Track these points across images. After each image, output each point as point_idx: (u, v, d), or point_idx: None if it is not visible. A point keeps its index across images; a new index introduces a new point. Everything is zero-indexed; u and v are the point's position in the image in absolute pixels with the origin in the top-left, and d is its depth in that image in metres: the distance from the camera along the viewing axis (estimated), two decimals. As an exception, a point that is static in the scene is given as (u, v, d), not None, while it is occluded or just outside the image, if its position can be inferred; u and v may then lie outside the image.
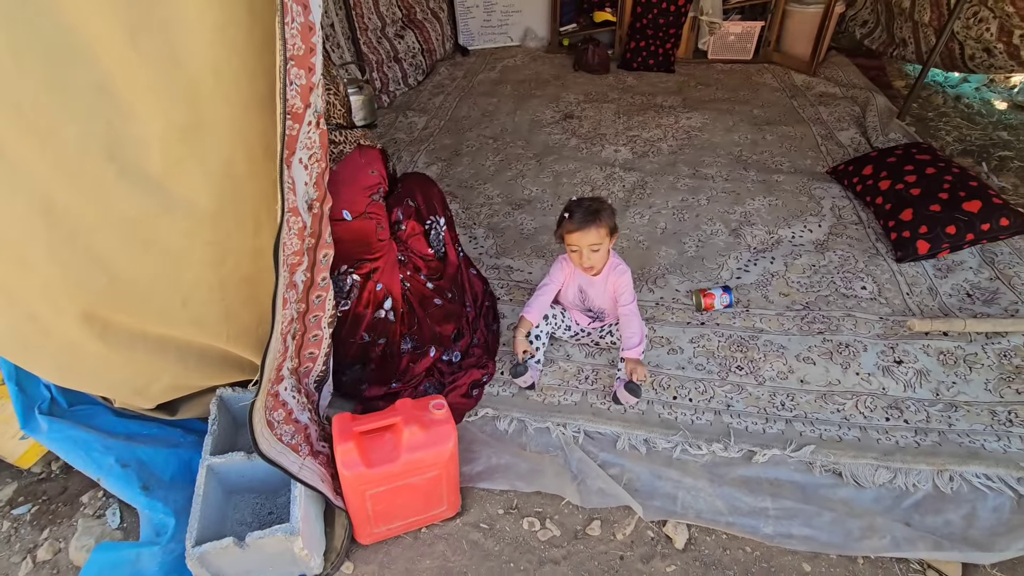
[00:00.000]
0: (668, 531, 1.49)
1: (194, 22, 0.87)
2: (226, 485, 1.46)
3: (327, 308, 1.43)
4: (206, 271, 1.18)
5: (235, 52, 0.92)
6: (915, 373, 1.84)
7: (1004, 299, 2.07)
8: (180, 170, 1.01)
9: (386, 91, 3.97)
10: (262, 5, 0.90)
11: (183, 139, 0.98)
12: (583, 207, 1.68)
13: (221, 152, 1.01)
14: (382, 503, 1.38)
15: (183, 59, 0.91)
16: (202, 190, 1.04)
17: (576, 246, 1.70)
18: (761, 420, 1.75)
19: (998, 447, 1.62)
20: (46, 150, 0.89)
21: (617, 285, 1.80)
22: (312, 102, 1.01)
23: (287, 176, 1.01)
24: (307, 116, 1.01)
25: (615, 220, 1.72)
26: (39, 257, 1.00)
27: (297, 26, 0.91)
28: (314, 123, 1.04)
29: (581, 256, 1.71)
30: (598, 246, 1.68)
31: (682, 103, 3.79)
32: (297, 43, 0.92)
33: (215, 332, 1.28)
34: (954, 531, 1.45)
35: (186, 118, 0.96)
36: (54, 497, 1.68)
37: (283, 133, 0.92)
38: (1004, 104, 3.68)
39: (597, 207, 1.68)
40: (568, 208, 1.70)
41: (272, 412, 1.33)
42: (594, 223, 1.65)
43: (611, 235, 1.71)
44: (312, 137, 1.06)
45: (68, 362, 1.18)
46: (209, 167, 1.02)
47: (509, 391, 1.87)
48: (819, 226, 2.55)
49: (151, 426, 1.56)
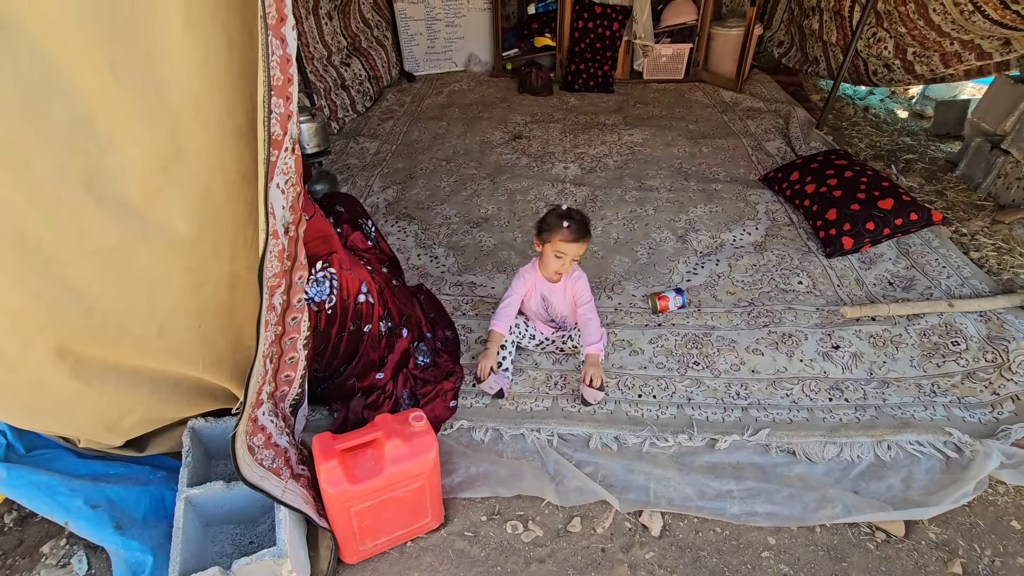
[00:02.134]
0: (644, 520, 1.57)
1: (176, 55, 0.91)
2: (204, 517, 1.43)
3: (302, 330, 1.45)
4: (184, 298, 1.18)
5: (215, 84, 0.96)
6: (851, 356, 2.02)
7: (920, 284, 2.31)
8: (160, 198, 1.02)
9: (335, 118, 3.99)
10: (240, 39, 0.94)
11: (163, 168, 1.00)
12: (578, 219, 1.77)
13: (200, 180, 1.03)
14: (368, 518, 1.39)
15: (165, 91, 0.94)
16: (180, 217, 1.05)
17: (564, 253, 1.79)
18: (720, 410, 1.87)
19: (926, 416, 1.80)
20: (21, 183, 0.90)
21: (575, 290, 1.91)
22: (289, 129, 1.05)
23: (269, 201, 1.04)
24: (285, 143, 1.05)
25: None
26: (8, 291, 0.99)
27: (277, 58, 0.96)
28: (290, 149, 1.09)
29: (564, 263, 1.81)
30: (579, 257, 1.82)
31: (623, 121, 4.00)
32: (276, 74, 0.97)
33: (191, 360, 1.28)
34: (895, 494, 1.60)
35: (167, 148, 0.98)
36: (9, 551, 1.59)
37: (267, 159, 0.96)
38: (905, 113, 4.10)
39: (587, 221, 1.80)
40: (565, 216, 1.77)
41: (252, 437, 1.33)
42: (586, 236, 1.79)
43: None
44: (288, 163, 1.10)
45: (37, 401, 1.15)
46: (188, 194, 1.04)
47: (482, 402, 1.92)
48: (756, 229, 2.76)
49: (117, 465, 1.51)
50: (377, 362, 1.90)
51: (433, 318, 2.24)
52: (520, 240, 2.75)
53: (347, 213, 2.03)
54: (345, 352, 1.84)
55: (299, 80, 3.34)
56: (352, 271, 1.83)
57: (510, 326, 1.97)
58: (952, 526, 1.54)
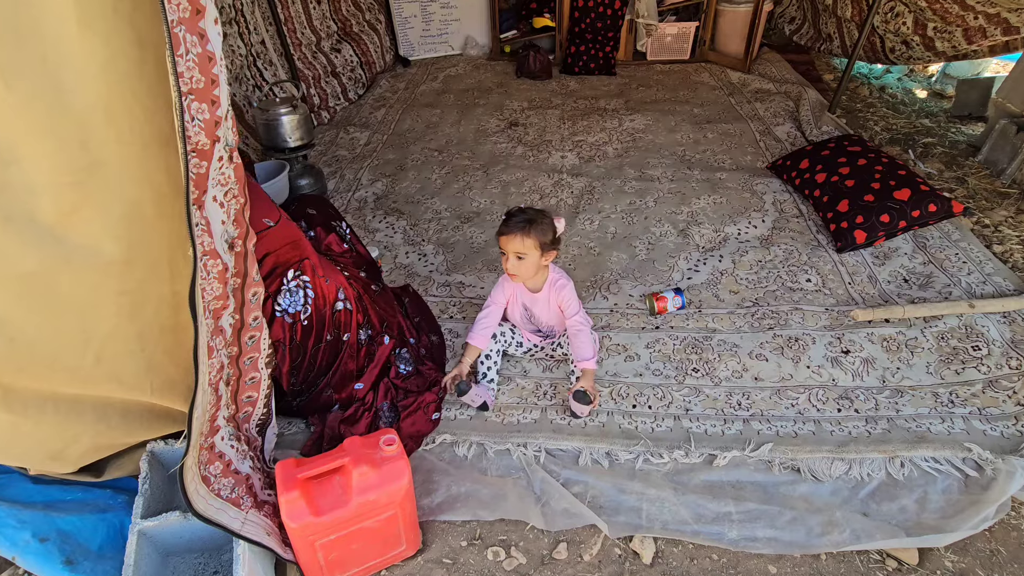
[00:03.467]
0: (635, 546, 1.47)
1: (76, 57, 0.79)
2: (163, 548, 1.35)
3: (263, 348, 1.35)
4: (121, 323, 1.08)
5: (127, 87, 0.84)
6: (862, 362, 1.89)
7: (938, 282, 2.16)
8: (78, 217, 0.91)
9: (325, 107, 3.85)
10: (154, 37, 0.82)
11: (78, 183, 0.89)
12: (520, 215, 1.67)
13: (123, 195, 0.92)
14: (335, 551, 1.30)
15: (67, 97, 0.82)
16: (105, 237, 0.94)
17: (503, 249, 1.69)
18: (719, 422, 1.75)
19: (943, 429, 1.67)
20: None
21: (560, 299, 1.79)
22: (221, 136, 0.93)
23: (199, 217, 0.93)
24: (216, 152, 0.93)
25: (552, 237, 1.68)
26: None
27: (194, 57, 0.84)
28: (226, 158, 0.97)
29: (506, 261, 1.70)
30: (523, 255, 1.66)
31: (625, 105, 3.82)
32: (195, 76, 0.85)
33: (137, 387, 1.18)
34: (908, 517, 1.48)
35: (79, 160, 0.87)
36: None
37: (187, 172, 0.85)
38: (924, 92, 3.88)
39: (533, 217, 1.66)
40: (508, 212, 1.70)
41: (208, 466, 1.23)
42: (522, 231, 1.64)
43: (543, 250, 1.68)
44: (226, 173, 0.98)
45: (-34, 435, 1.06)
46: (110, 212, 0.93)
47: (467, 414, 1.81)
48: (763, 221, 2.61)
49: (75, 490, 1.43)
50: (356, 372, 1.80)
51: (418, 322, 2.13)
52: (513, 236, 2.61)
53: (319, 215, 1.91)
54: (323, 363, 1.74)
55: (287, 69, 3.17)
56: (328, 277, 1.72)
57: (489, 339, 1.86)
58: (971, 553, 1.42)
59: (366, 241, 2.61)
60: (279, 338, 1.57)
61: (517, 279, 1.75)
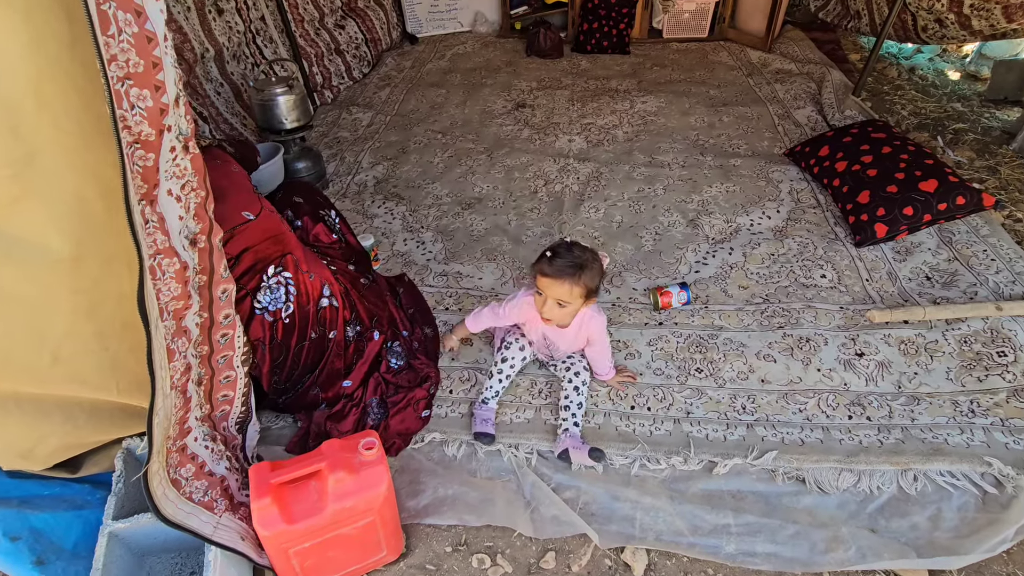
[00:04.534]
0: (626, 558, 1.40)
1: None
2: (137, 548, 1.32)
3: (237, 346, 1.29)
4: (78, 322, 1.02)
5: (59, 69, 0.76)
6: (876, 365, 1.78)
7: (963, 281, 2.03)
8: (18, 210, 0.85)
9: (329, 86, 3.75)
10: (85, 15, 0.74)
11: (15, 175, 0.82)
12: (569, 256, 1.46)
13: (66, 187, 0.85)
14: (311, 558, 1.25)
15: (-8, 81, 0.74)
16: (51, 232, 0.88)
17: (542, 291, 1.51)
18: (721, 427, 1.67)
19: (961, 441, 1.57)
20: None
21: (591, 333, 1.64)
22: (172, 125, 0.85)
23: (149, 213, 0.86)
24: (166, 142, 0.85)
25: (599, 282, 1.51)
26: None
27: (128, 38, 0.75)
28: (179, 148, 0.89)
29: (543, 304, 1.52)
30: (566, 303, 1.50)
31: (637, 86, 3.67)
32: (132, 59, 0.76)
33: (102, 386, 1.13)
34: (920, 535, 1.39)
35: (13, 150, 0.80)
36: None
37: (124, 165, 0.77)
38: (957, 74, 3.66)
39: (584, 261, 1.46)
40: (553, 248, 1.49)
41: (179, 468, 1.19)
42: (570, 278, 1.45)
43: (587, 298, 1.52)
44: (182, 164, 0.91)
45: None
46: (54, 205, 0.86)
47: (457, 412, 1.75)
48: (777, 212, 2.48)
49: (53, 485, 1.39)
50: (343, 370, 1.74)
51: (412, 314, 2.06)
52: (514, 224, 2.52)
53: (307, 204, 1.83)
54: (308, 362, 1.68)
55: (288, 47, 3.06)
56: (311, 272, 1.65)
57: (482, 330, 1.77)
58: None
59: (363, 228, 2.54)
60: (259, 337, 1.51)
61: (552, 324, 1.58)
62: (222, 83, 2.91)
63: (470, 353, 1.94)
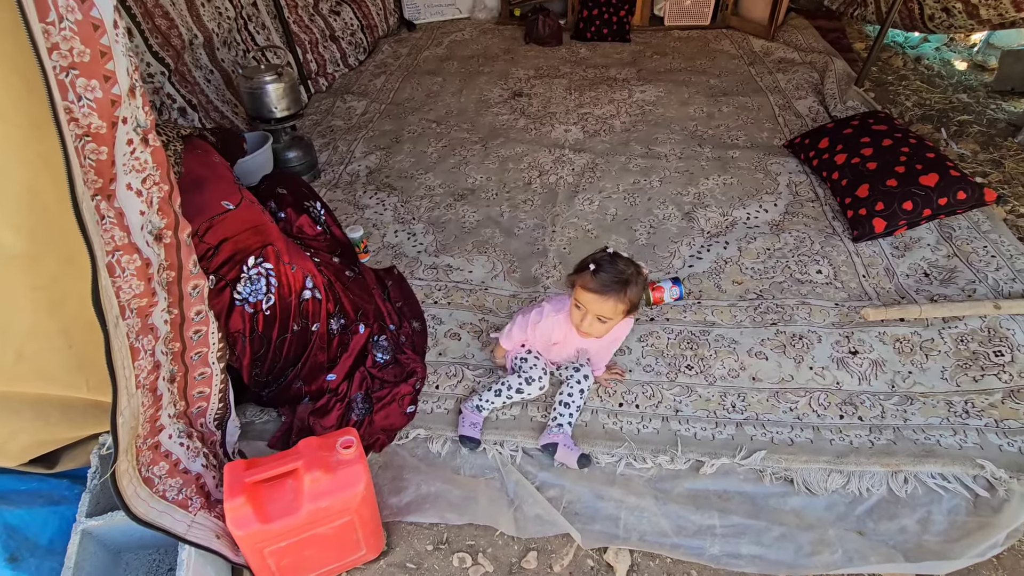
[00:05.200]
0: (609, 558, 1.38)
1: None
2: (113, 545, 1.30)
3: (212, 343, 1.26)
4: (41, 319, 0.99)
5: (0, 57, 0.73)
6: (870, 364, 1.75)
7: (962, 278, 1.98)
8: (-36, 205, 0.82)
9: (323, 73, 3.70)
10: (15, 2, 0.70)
11: (-41, 168, 0.79)
12: (614, 270, 1.38)
13: (15, 180, 0.82)
14: (287, 557, 1.24)
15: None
16: (3, 227, 0.85)
17: (583, 306, 1.43)
18: (711, 425, 1.64)
19: (954, 442, 1.53)
20: None
21: (619, 336, 1.59)
22: (126, 116, 0.82)
23: (106, 208, 0.83)
24: (121, 135, 0.82)
25: (641, 297, 1.44)
26: None
27: (71, 25, 0.72)
28: (138, 141, 0.86)
29: (583, 319, 1.44)
30: (607, 319, 1.43)
31: (637, 75, 3.61)
32: (76, 47, 0.73)
33: (70, 383, 1.11)
34: (908, 538, 1.37)
35: (-48, 141, 0.77)
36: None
37: (68, 158, 0.73)
38: (964, 64, 3.58)
39: (629, 277, 1.38)
40: (597, 260, 1.40)
41: (152, 467, 1.17)
42: (616, 294, 1.37)
43: (628, 313, 1.45)
44: (142, 158, 0.87)
45: None
46: (4, 200, 0.83)
47: (443, 408, 1.73)
48: (775, 205, 2.43)
49: (29, 480, 1.38)
50: (327, 363, 1.72)
51: (400, 307, 2.03)
52: (507, 216, 2.48)
53: (290, 195, 1.80)
54: (290, 354, 1.66)
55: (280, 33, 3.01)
56: (293, 264, 1.62)
57: None
58: (974, 582, 1.31)
59: (354, 219, 2.51)
60: (239, 329, 1.49)
61: (588, 337, 1.51)
62: (212, 70, 2.86)
63: (457, 348, 1.91)
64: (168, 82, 2.57)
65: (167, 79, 2.56)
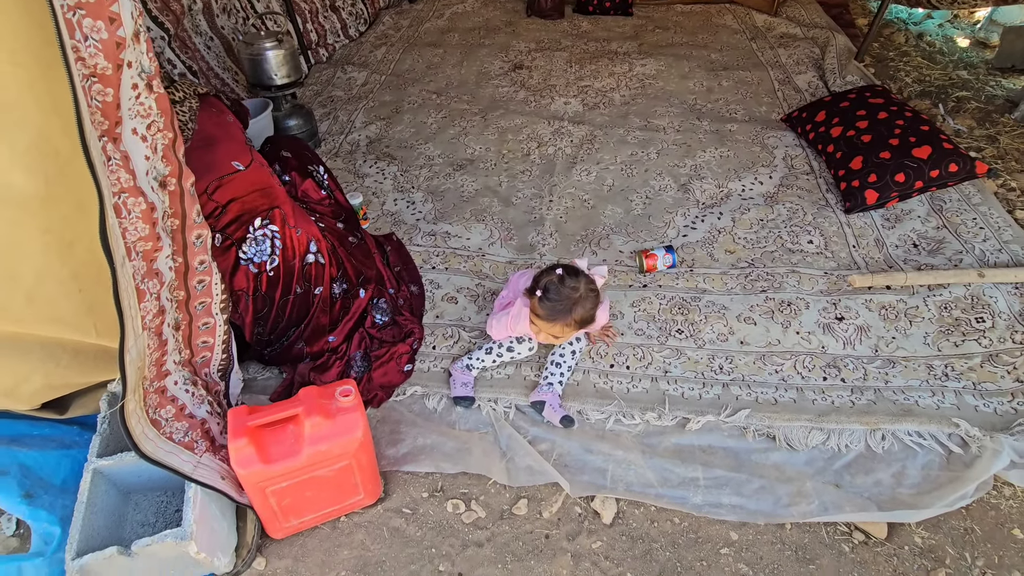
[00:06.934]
0: (596, 506, 1.45)
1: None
2: (123, 486, 1.36)
3: (215, 293, 1.30)
4: (51, 263, 1.04)
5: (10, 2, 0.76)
6: (855, 329, 1.79)
7: (949, 248, 2.02)
8: (-21, 147, 0.85)
9: (324, 44, 3.69)
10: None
11: (-28, 110, 0.82)
12: (560, 294, 1.45)
13: (27, 124, 0.85)
14: (288, 497, 1.30)
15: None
16: (15, 170, 0.89)
17: (536, 323, 1.54)
18: (698, 385, 1.70)
19: (932, 403, 1.59)
20: None
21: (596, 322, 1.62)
22: (131, 61, 0.85)
23: (112, 150, 0.86)
24: (126, 78, 0.85)
25: (595, 312, 1.52)
26: None
27: (80, -34, 0.75)
28: (143, 86, 0.89)
29: (539, 333, 1.57)
30: (560, 337, 1.56)
31: (638, 49, 3.59)
32: (82, -13, 0.76)
33: (80, 328, 1.15)
34: (883, 491, 1.43)
35: (-37, 83, 0.80)
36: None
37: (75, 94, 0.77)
38: (967, 41, 3.56)
39: (575, 299, 1.46)
40: (544, 286, 1.46)
41: (159, 410, 1.22)
42: (563, 318, 1.47)
43: (583, 327, 1.54)
44: (146, 103, 0.90)
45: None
46: (17, 142, 0.86)
47: (440, 367, 1.78)
48: (770, 178, 2.46)
49: (42, 426, 1.44)
50: (328, 325, 1.76)
51: (399, 272, 2.08)
52: (505, 185, 2.51)
53: (295, 159, 1.82)
54: (293, 316, 1.70)
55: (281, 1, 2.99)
56: (299, 228, 1.65)
57: None
58: (943, 531, 1.37)
59: (354, 187, 2.54)
60: (243, 287, 1.53)
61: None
62: (212, 36, 2.86)
63: (454, 311, 1.96)
64: (168, 47, 2.58)
65: (167, 44, 2.57)
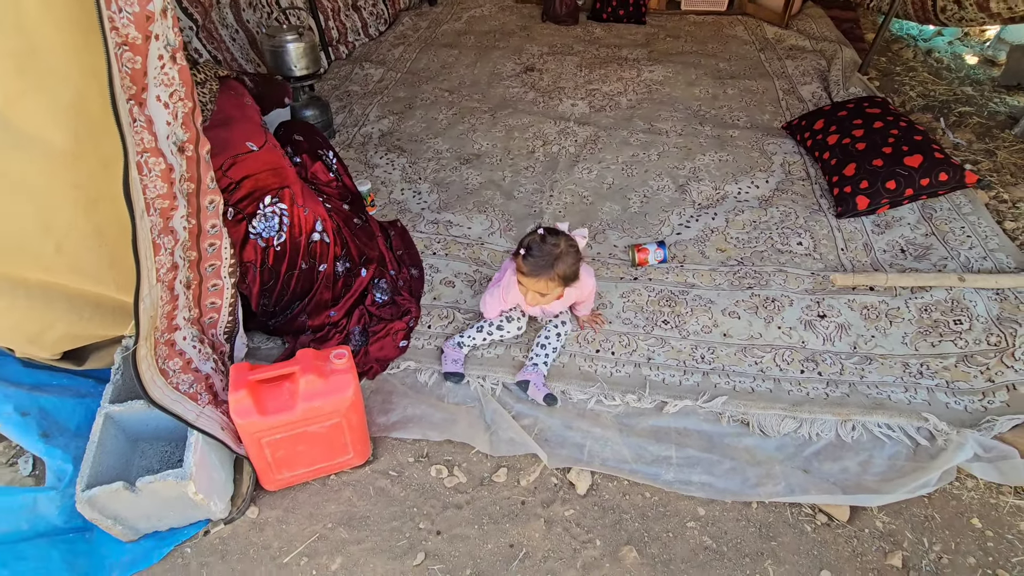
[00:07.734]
0: (571, 477, 1.52)
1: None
2: (130, 433, 1.47)
3: (224, 257, 1.41)
4: (78, 217, 1.15)
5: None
6: (836, 327, 1.85)
7: (935, 255, 2.07)
8: (23, 104, 0.96)
9: (344, 41, 3.83)
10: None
11: (19, 69, 0.93)
12: (542, 251, 1.52)
13: (68, 85, 0.96)
14: (281, 450, 1.39)
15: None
16: (53, 127, 0.99)
17: (523, 284, 1.60)
18: (679, 372, 1.76)
19: (904, 398, 1.64)
20: None
21: (583, 294, 1.72)
22: (159, 34, 0.95)
23: (137, 113, 0.97)
24: (153, 49, 0.96)
25: (577, 268, 1.58)
26: None
27: (117, -54, 0.85)
28: (167, 57, 0.99)
29: (527, 294, 1.62)
30: (546, 295, 1.59)
31: (647, 56, 3.68)
32: (117, -37, 0.87)
33: (101, 280, 1.26)
34: (849, 477, 1.48)
35: (16, 44, 0.90)
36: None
37: (109, 57, 0.87)
38: (975, 59, 3.60)
39: (556, 254, 1.52)
40: (527, 244, 1.54)
41: (167, 361, 1.32)
42: (545, 273, 1.52)
43: (568, 283, 1.59)
44: (170, 74, 1.01)
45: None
46: (57, 101, 0.97)
47: (433, 344, 1.87)
48: (766, 182, 2.52)
49: (60, 376, 1.56)
50: (331, 301, 1.87)
51: (401, 255, 2.18)
52: (508, 180, 2.61)
53: (306, 142, 1.93)
54: (297, 289, 1.80)
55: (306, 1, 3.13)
56: (307, 207, 1.76)
57: None
58: (904, 517, 1.43)
59: (364, 176, 2.65)
60: (251, 259, 1.63)
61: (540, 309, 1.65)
62: (237, 29, 3.01)
63: (451, 294, 2.05)
64: (196, 37, 2.72)
65: (195, 34, 2.71)
